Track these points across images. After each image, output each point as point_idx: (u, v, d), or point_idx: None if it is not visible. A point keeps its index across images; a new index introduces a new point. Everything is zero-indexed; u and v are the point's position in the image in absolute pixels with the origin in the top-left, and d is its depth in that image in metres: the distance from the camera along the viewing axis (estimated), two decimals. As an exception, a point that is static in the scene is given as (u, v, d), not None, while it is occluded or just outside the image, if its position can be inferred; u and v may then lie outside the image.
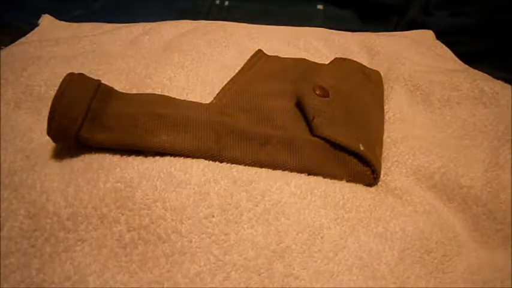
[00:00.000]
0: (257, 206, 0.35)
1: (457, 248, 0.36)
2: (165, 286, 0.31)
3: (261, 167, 0.39)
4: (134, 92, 0.50)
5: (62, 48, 0.61)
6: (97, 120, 0.39)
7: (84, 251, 0.33)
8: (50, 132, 0.38)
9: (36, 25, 0.71)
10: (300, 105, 0.46)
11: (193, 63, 0.56)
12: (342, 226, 0.36)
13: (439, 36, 0.77)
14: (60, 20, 0.73)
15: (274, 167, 0.39)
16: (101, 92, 0.41)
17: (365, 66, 0.58)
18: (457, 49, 0.71)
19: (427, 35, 0.77)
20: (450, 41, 0.73)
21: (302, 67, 0.57)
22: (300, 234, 0.34)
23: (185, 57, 0.57)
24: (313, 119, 0.43)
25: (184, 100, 0.46)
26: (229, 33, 0.66)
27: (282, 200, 0.36)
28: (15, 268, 0.32)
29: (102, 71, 0.54)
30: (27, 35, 0.68)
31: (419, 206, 0.39)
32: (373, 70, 0.58)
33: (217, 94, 0.50)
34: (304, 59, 0.60)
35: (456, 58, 0.69)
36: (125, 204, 0.34)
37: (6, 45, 0.63)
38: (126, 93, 0.44)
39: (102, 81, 0.42)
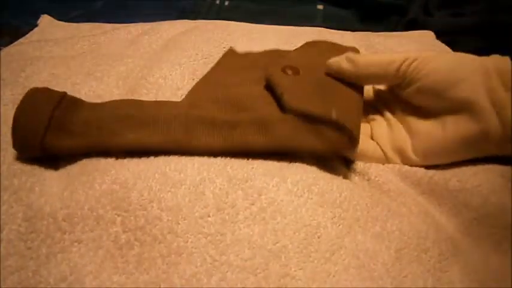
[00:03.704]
0: (253, 204, 0.35)
1: (453, 249, 0.36)
2: (162, 287, 0.31)
3: (233, 150, 0.39)
4: (130, 93, 0.50)
5: (60, 49, 0.61)
6: (61, 128, 0.39)
7: (81, 252, 0.33)
8: (15, 145, 0.39)
9: (36, 25, 0.71)
10: (268, 86, 0.45)
11: (190, 60, 0.56)
12: (339, 225, 0.36)
13: (439, 36, 0.77)
14: (60, 20, 0.74)
15: (246, 148, 0.39)
16: (66, 101, 0.40)
17: (340, 45, 0.57)
18: (457, 49, 0.71)
19: (427, 35, 0.77)
20: (450, 41, 0.73)
21: (273, 55, 0.56)
22: (297, 234, 0.34)
23: (182, 55, 0.57)
24: (282, 95, 0.42)
25: (154, 101, 0.45)
26: (229, 33, 0.66)
27: (279, 198, 0.36)
28: (13, 270, 0.32)
29: (101, 72, 0.54)
30: (26, 35, 0.68)
31: (414, 208, 0.39)
32: (350, 47, 0.57)
33: (188, 92, 0.50)
34: (277, 50, 0.59)
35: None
36: (120, 205, 0.34)
37: (6, 45, 0.63)
38: (94, 103, 0.43)
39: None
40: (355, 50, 0.55)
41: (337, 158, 0.43)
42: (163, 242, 0.33)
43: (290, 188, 0.37)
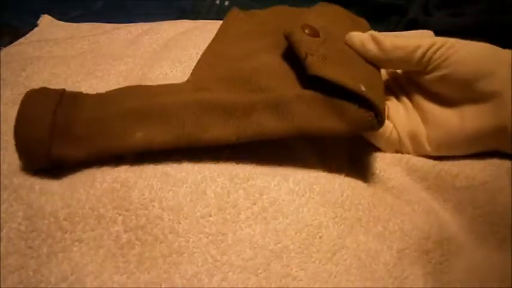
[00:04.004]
0: (255, 204, 0.35)
1: (455, 249, 0.36)
2: (163, 287, 0.31)
3: (249, 140, 0.37)
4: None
5: (60, 49, 0.61)
6: (66, 135, 0.36)
7: (82, 251, 0.33)
8: (21, 158, 0.37)
9: (36, 25, 0.71)
10: (287, 50, 0.43)
11: (191, 58, 0.55)
12: (341, 225, 0.36)
13: (439, 36, 0.76)
14: (60, 20, 0.73)
15: (263, 137, 0.37)
16: (66, 100, 0.38)
17: (351, 13, 0.55)
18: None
19: (427, 35, 0.77)
20: (450, 41, 0.73)
21: (283, 15, 0.54)
22: (298, 234, 0.34)
23: (183, 53, 0.56)
24: (306, 57, 0.39)
25: (159, 85, 0.43)
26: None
27: (280, 197, 0.36)
28: (13, 269, 0.32)
29: (101, 71, 0.53)
30: (26, 35, 0.67)
31: (418, 206, 0.39)
32: (360, 18, 0.55)
33: (193, 69, 0.47)
34: (282, 7, 0.57)
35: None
36: (121, 204, 0.34)
37: (6, 45, 0.62)
38: (94, 94, 0.41)
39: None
40: (365, 23, 0.54)
41: (340, 155, 0.43)
42: (165, 241, 0.33)
43: (292, 188, 0.37)
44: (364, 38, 0.43)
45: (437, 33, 0.77)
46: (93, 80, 0.52)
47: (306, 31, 0.42)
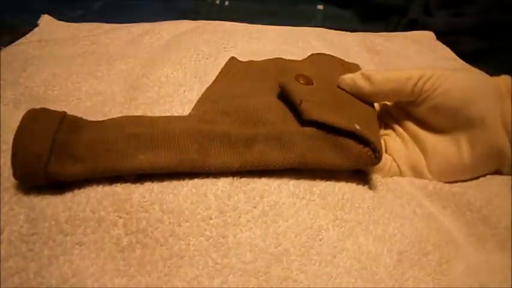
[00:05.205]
0: (255, 207, 0.35)
1: (454, 251, 0.36)
2: (163, 289, 0.31)
3: (252, 168, 0.38)
4: (132, 90, 0.50)
5: (61, 49, 0.61)
6: (65, 153, 0.36)
7: (82, 254, 0.33)
8: (16, 174, 0.35)
9: (36, 25, 0.71)
10: (283, 95, 0.44)
11: (191, 60, 0.56)
12: (341, 228, 0.36)
13: (439, 36, 0.77)
14: (60, 20, 0.73)
15: (265, 166, 0.37)
16: (67, 123, 0.38)
17: (343, 60, 0.56)
18: (457, 49, 0.71)
19: (428, 35, 0.77)
20: (450, 41, 0.73)
21: (279, 64, 0.55)
22: (299, 237, 0.34)
23: (183, 54, 0.57)
24: (300, 103, 0.40)
25: (161, 116, 0.44)
26: (229, 33, 0.66)
27: (281, 200, 0.36)
28: (14, 272, 0.32)
29: (102, 71, 0.54)
30: (27, 35, 0.67)
31: (417, 210, 0.39)
32: (352, 63, 0.56)
33: (195, 105, 0.47)
34: (280, 58, 0.58)
35: (458, 58, 0.69)
36: (122, 207, 0.34)
37: (6, 45, 0.62)
38: (96, 121, 0.40)
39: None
40: (357, 67, 0.55)
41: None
42: (165, 244, 0.33)
43: (292, 190, 0.37)
44: (355, 77, 0.44)
45: (438, 33, 0.78)
46: (93, 80, 0.52)
47: (301, 81, 0.44)
